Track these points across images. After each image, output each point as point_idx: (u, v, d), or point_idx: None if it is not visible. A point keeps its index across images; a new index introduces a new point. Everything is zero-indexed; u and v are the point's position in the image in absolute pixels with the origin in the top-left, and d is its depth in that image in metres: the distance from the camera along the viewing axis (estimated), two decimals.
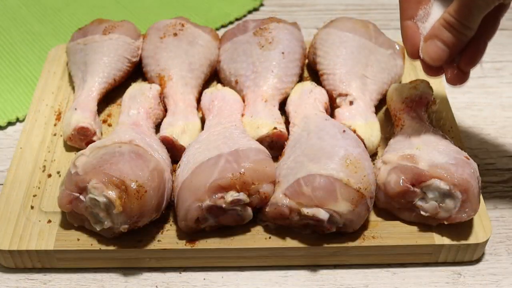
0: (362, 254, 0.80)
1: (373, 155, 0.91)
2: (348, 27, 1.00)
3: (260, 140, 0.88)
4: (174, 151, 0.89)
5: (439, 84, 1.03)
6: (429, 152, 0.80)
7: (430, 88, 0.94)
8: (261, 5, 1.34)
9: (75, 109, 0.92)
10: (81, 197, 0.77)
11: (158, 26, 1.04)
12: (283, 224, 0.80)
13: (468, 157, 0.81)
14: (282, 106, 0.96)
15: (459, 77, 0.79)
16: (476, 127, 1.04)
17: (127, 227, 0.76)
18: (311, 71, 1.06)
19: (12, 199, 0.84)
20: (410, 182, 0.79)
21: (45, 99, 1.00)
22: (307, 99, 0.92)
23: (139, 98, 0.92)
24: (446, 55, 0.76)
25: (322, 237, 0.80)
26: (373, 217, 0.83)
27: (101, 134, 0.94)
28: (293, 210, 0.77)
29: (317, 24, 1.28)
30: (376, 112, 0.95)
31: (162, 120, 0.94)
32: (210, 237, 0.80)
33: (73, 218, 0.80)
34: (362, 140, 0.87)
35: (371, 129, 0.90)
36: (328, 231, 0.78)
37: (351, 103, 0.93)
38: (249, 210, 0.79)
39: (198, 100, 0.97)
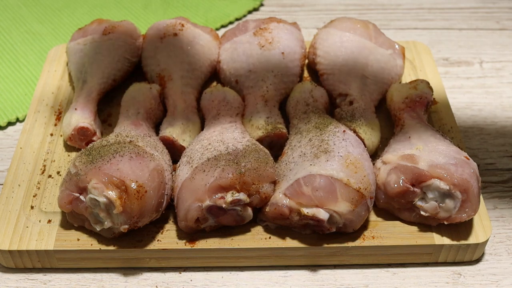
0: (362, 254, 0.80)
1: (373, 155, 0.91)
2: (348, 27, 1.00)
3: (260, 140, 0.88)
4: (174, 151, 0.89)
5: (439, 84, 1.03)
6: (429, 152, 0.80)
7: (430, 88, 0.94)
8: (261, 5, 1.34)
9: (75, 109, 0.92)
10: (81, 197, 0.77)
11: (158, 26, 1.04)
12: (283, 224, 0.80)
13: (468, 157, 0.81)
14: (282, 106, 0.96)
15: None
16: (476, 127, 1.04)
17: (127, 227, 0.76)
18: (311, 71, 1.06)
19: (12, 199, 0.84)
20: (410, 182, 0.79)
21: (45, 99, 1.00)
22: (307, 99, 0.92)
23: (139, 98, 0.92)
24: None
25: (322, 237, 0.80)
26: (373, 217, 0.83)
27: (101, 134, 0.94)
28: (293, 210, 0.77)
29: (317, 24, 1.28)
30: (376, 112, 0.95)
31: (162, 120, 0.94)
32: (210, 237, 0.80)
33: (73, 218, 0.80)
34: (362, 140, 0.88)
35: (371, 129, 0.90)
36: (328, 231, 0.78)
37: (351, 103, 0.93)
38: (249, 210, 0.79)
39: (198, 100, 0.97)
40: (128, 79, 1.02)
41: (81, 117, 0.90)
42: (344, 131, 0.84)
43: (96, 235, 0.80)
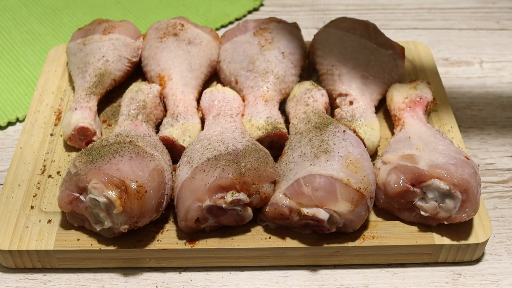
0: (362, 254, 0.80)
1: (373, 155, 0.91)
2: (348, 27, 1.00)
3: (260, 140, 0.88)
4: (174, 151, 0.89)
5: (439, 84, 1.03)
6: (429, 152, 0.80)
7: (430, 88, 0.94)
8: (261, 5, 1.34)
9: (75, 109, 0.92)
10: (81, 197, 0.77)
11: (158, 26, 1.04)
12: (283, 224, 0.80)
13: (468, 157, 0.81)
14: (282, 106, 0.96)
15: None
16: (476, 127, 1.04)
17: (127, 227, 0.76)
18: (311, 71, 1.06)
19: (12, 199, 0.84)
20: (410, 182, 0.79)
21: (45, 99, 1.00)
22: (307, 99, 0.92)
23: (139, 98, 0.92)
24: None
25: (322, 237, 0.80)
26: (373, 217, 0.83)
27: (101, 134, 0.94)
28: (293, 210, 0.77)
29: (317, 24, 1.28)
30: (376, 112, 0.95)
31: (162, 120, 0.94)
32: (210, 237, 0.80)
33: (73, 218, 0.80)
34: (362, 140, 0.88)
35: (371, 129, 0.90)
36: (328, 231, 0.78)
37: (351, 103, 0.93)
38: (249, 210, 0.79)
39: (198, 100, 0.97)
40: (128, 79, 1.02)
41: (81, 117, 0.90)
42: (344, 131, 0.84)
43: (96, 235, 0.80)
